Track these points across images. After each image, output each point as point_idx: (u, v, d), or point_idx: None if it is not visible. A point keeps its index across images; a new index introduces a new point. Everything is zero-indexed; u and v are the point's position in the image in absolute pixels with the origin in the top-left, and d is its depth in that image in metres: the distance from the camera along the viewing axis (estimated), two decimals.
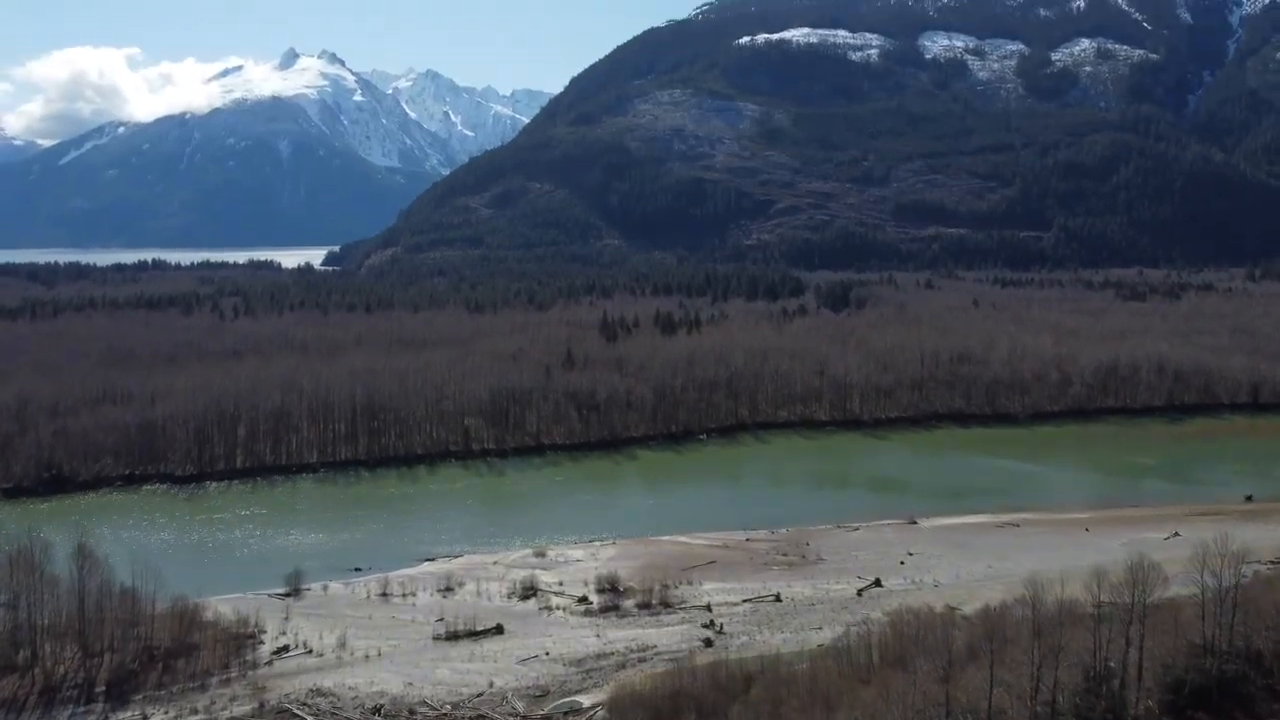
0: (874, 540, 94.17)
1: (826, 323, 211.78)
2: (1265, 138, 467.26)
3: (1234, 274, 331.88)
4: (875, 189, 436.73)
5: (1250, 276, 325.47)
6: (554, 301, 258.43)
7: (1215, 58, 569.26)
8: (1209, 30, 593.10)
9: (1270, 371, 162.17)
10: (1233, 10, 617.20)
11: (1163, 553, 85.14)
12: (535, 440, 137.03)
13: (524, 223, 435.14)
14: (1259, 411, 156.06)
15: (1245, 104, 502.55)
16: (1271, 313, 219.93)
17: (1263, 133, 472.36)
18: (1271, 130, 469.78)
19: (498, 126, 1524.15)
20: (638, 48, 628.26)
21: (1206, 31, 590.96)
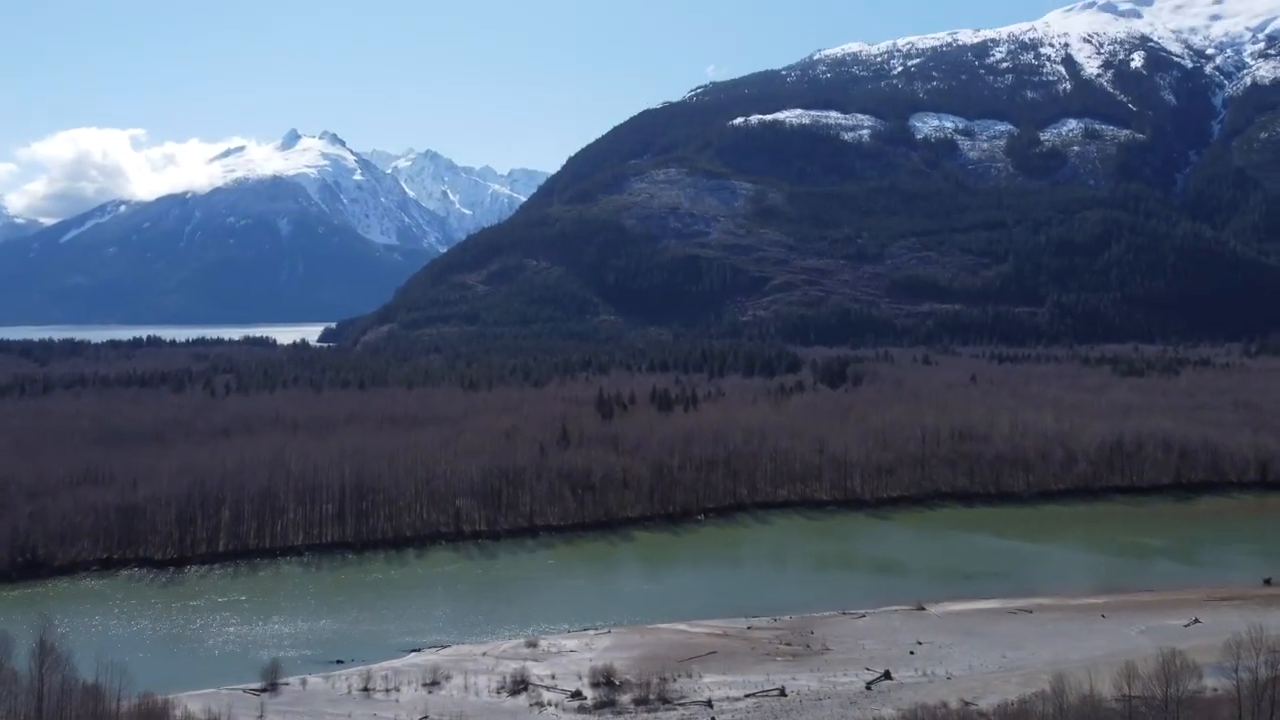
0: (881, 627, 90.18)
1: (824, 399, 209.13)
2: (1254, 215, 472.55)
3: (1230, 349, 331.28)
4: (870, 266, 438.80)
5: (1246, 352, 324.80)
6: (549, 378, 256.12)
7: (1201, 138, 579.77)
8: (1193, 111, 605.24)
9: (1278, 448, 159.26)
10: (1215, 92, 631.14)
11: (1185, 641, 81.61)
12: (528, 521, 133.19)
13: (520, 299, 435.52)
14: (1268, 489, 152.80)
15: (1232, 182, 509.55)
16: (1273, 388, 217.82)
17: (1251, 210, 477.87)
18: (1260, 208, 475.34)
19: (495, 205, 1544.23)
20: (634, 128, 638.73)
21: (1191, 113, 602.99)
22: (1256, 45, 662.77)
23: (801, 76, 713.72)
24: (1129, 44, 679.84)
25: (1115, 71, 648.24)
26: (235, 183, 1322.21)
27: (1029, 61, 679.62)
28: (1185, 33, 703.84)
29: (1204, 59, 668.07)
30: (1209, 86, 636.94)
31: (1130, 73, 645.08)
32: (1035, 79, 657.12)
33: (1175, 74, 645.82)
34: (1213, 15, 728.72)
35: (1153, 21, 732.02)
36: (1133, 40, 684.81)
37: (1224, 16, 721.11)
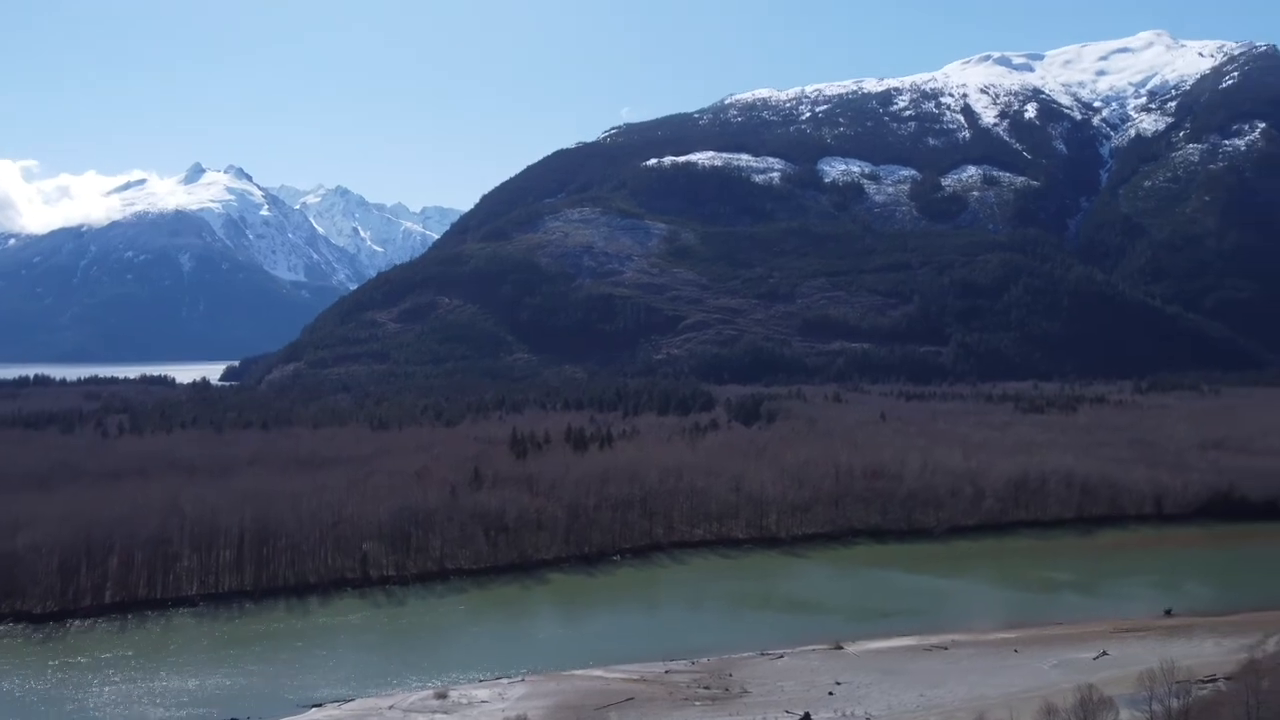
0: (800, 668, 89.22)
1: (739, 437, 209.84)
2: (1140, 260, 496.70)
3: (1122, 386, 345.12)
4: (781, 305, 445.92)
5: (1137, 389, 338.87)
6: (462, 417, 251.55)
7: (1090, 185, 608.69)
8: (1083, 160, 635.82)
9: (1171, 482, 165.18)
10: (1103, 143, 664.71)
11: (1095, 674, 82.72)
12: (439, 565, 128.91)
13: (433, 338, 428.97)
14: (1164, 522, 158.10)
15: (1120, 229, 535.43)
16: (1164, 425, 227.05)
17: (1138, 255, 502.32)
18: (1146, 253, 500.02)
19: (408, 242, 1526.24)
20: (548, 167, 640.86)
21: (1081, 162, 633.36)
22: (1139, 100, 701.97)
23: (713, 120, 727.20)
24: (1023, 95, 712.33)
25: (1010, 121, 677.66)
26: (134, 216, 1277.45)
27: (930, 110, 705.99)
28: (1074, 86, 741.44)
29: (1092, 111, 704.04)
30: (1097, 137, 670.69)
31: (1024, 123, 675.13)
32: (936, 127, 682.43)
33: (1066, 125, 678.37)
34: (1099, 71, 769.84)
35: (1044, 75, 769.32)
36: (1026, 92, 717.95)
37: (1109, 72, 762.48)
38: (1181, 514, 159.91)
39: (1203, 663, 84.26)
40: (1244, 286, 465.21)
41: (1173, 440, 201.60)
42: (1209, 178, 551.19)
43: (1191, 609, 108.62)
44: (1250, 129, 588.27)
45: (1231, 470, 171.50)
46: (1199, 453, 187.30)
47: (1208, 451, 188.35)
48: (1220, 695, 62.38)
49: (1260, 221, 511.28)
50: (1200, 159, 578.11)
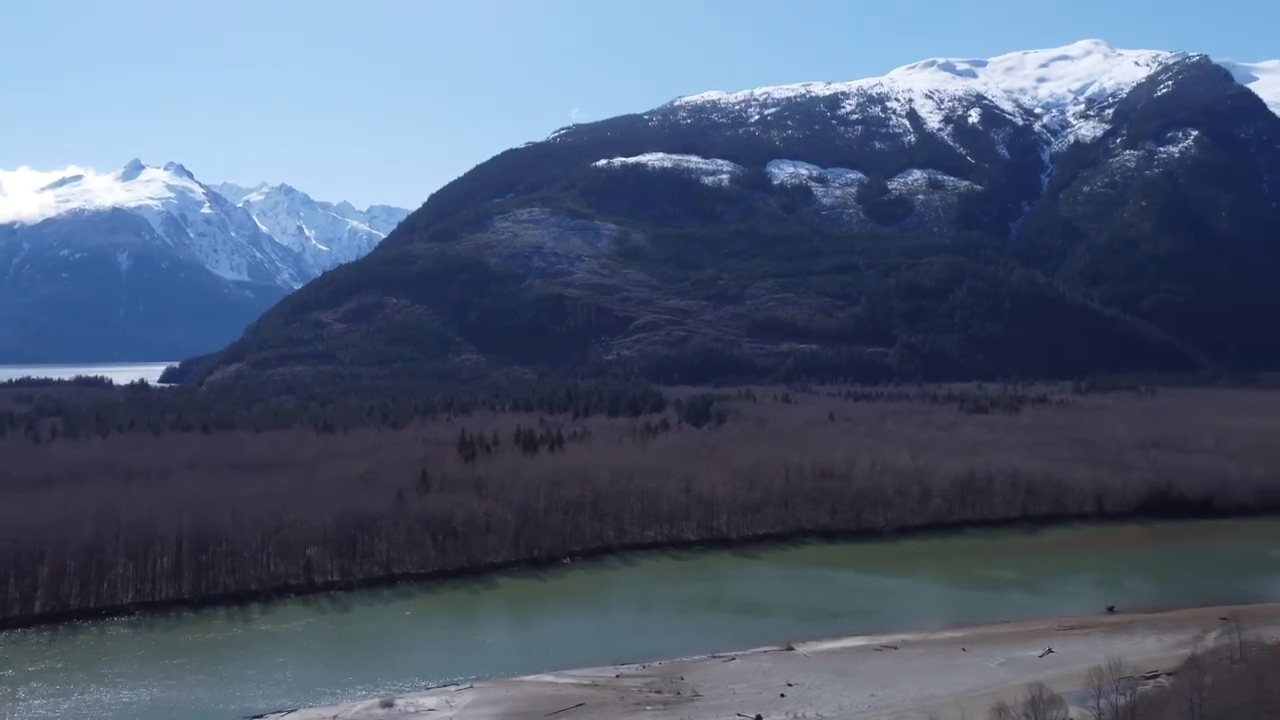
0: (752, 670, 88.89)
1: (689, 438, 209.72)
2: (1080, 263, 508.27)
3: (1063, 387, 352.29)
4: (731, 306, 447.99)
5: (1077, 390, 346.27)
6: (409, 419, 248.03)
7: (1032, 190, 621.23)
8: (1024, 165, 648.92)
9: (1112, 481, 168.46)
10: (1044, 148, 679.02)
11: (1042, 671, 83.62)
12: (385, 571, 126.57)
13: (379, 338, 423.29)
14: (1105, 520, 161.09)
15: (1060, 232, 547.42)
16: (1105, 425, 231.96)
17: (1077, 259, 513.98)
18: (1085, 256, 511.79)
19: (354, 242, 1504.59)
20: (497, 167, 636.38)
21: (1022, 167, 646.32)
22: (1078, 107, 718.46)
23: (663, 121, 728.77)
24: (966, 101, 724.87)
25: (955, 126, 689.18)
26: (70, 214, 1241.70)
27: (877, 114, 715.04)
28: (1016, 93, 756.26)
29: (1033, 117, 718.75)
30: (1038, 143, 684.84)
31: (968, 128, 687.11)
32: (883, 131, 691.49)
33: (1008, 130, 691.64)
34: (1039, 78, 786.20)
35: (987, 81, 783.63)
36: (970, 98, 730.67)
37: (1049, 79, 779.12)
38: (1122, 512, 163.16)
39: (1146, 659, 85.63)
40: (1179, 290, 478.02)
41: (1113, 440, 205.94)
42: (1145, 184, 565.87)
43: (1133, 606, 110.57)
44: (1184, 136, 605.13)
45: (1169, 469, 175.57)
46: (1138, 452, 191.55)
47: (1146, 451, 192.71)
48: (1164, 692, 63.24)
49: (1194, 227, 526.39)
50: (1137, 165, 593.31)
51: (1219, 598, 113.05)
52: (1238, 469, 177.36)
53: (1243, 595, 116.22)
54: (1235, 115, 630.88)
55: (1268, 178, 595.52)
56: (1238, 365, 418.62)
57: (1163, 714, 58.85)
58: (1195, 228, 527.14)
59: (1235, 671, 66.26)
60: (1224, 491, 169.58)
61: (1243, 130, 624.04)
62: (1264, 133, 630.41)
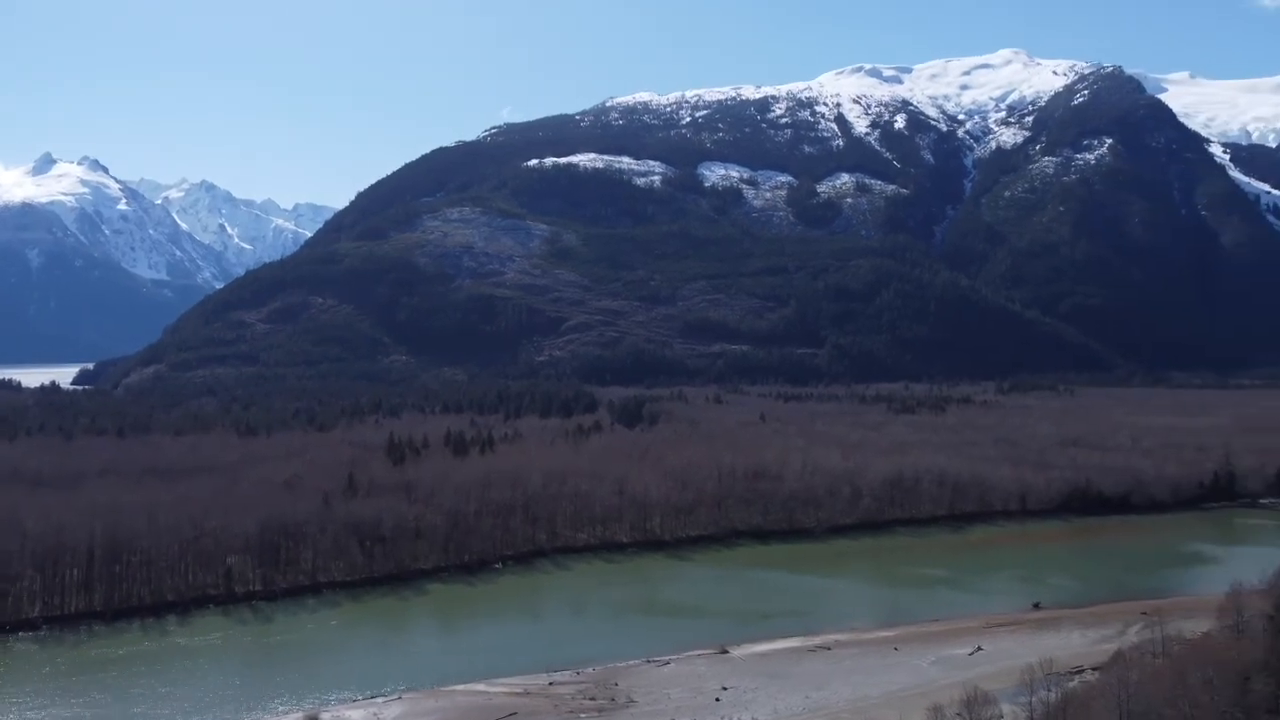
0: (686, 674, 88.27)
1: (622, 440, 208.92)
2: (1001, 266, 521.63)
3: (986, 387, 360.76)
4: (663, 307, 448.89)
5: (1000, 390, 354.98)
6: (336, 422, 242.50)
7: (955, 195, 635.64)
8: (948, 170, 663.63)
9: (1034, 479, 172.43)
10: (966, 154, 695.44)
11: (972, 669, 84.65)
12: (310, 579, 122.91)
13: (305, 339, 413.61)
14: (1029, 518, 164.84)
15: (983, 236, 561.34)
16: (1027, 424, 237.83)
17: (999, 262, 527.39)
18: (1006, 260, 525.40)
19: (279, 240, 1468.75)
20: (426, 166, 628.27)
21: (946, 171, 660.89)
22: (999, 114, 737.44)
23: (595, 122, 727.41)
24: (892, 107, 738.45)
25: (881, 131, 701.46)
26: None
27: (806, 118, 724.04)
28: (940, 99, 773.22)
29: (956, 124, 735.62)
30: (961, 149, 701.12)
31: (894, 133, 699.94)
32: (812, 135, 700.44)
33: (932, 136, 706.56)
34: (962, 85, 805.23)
35: (912, 88, 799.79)
36: (895, 104, 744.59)
37: (972, 87, 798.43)
38: (1044, 509, 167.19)
39: (1072, 655, 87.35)
40: (1094, 293, 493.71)
41: (1034, 439, 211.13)
42: (1063, 189, 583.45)
43: (1058, 602, 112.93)
44: (1099, 144, 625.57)
45: (1088, 467, 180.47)
46: (1058, 450, 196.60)
47: (1066, 449, 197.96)
48: (1092, 689, 64.30)
49: (1108, 232, 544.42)
50: (1055, 171, 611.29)
51: (1138, 593, 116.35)
52: (1152, 466, 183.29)
53: (1160, 590, 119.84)
54: (1147, 125, 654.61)
55: (1177, 185, 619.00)
56: (1150, 366, 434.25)
57: (1091, 710, 59.72)
58: (1110, 233, 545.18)
59: (1158, 666, 67.68)
60: (1140, 488, 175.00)
61: (1154, 139, 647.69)
62: (1174, 142, 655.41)
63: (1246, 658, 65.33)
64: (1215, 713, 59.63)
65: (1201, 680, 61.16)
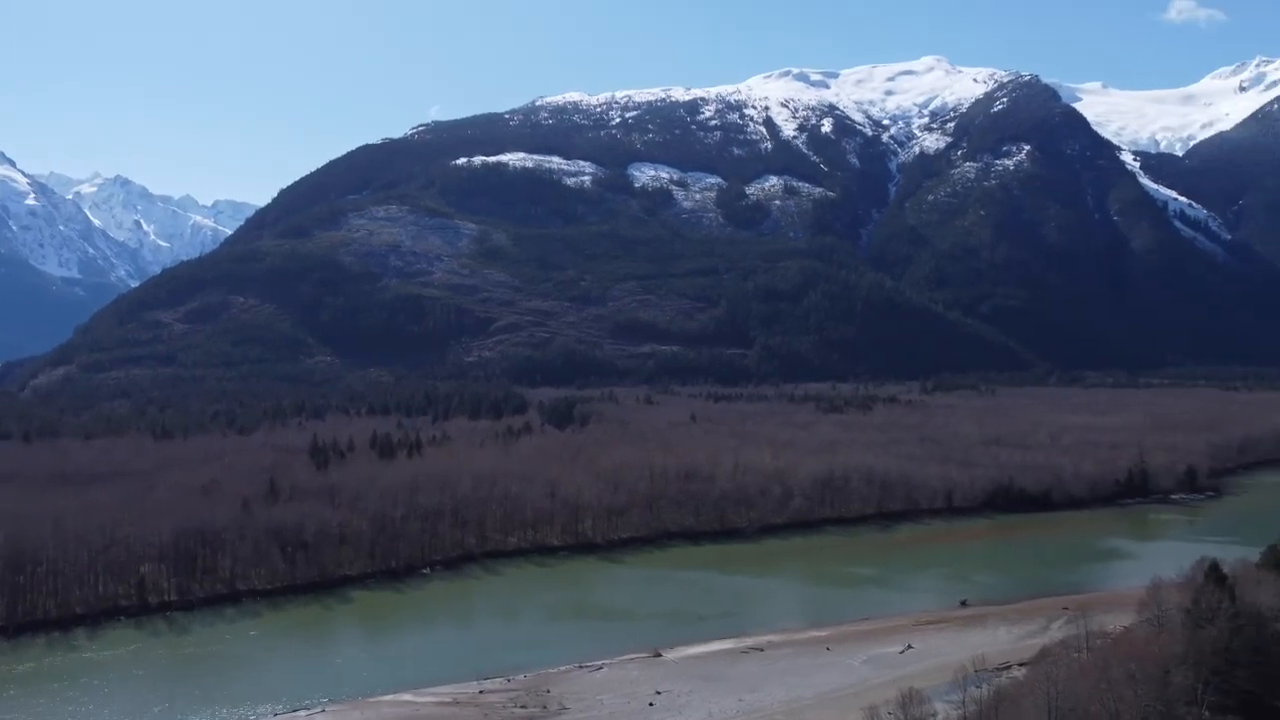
0: (619, 679, 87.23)
1: (553, 441, 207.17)
2: (925, 269, 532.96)
3: (910, 387, 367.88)
4: (593, 308, 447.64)
5: (924, 389, 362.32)
6: (257, 424, 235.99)
7: (880, 198, 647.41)
8: (874, 174, 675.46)
9: (959, 477, 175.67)
10: (891, 158, 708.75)
11: (902, 668, 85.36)
12: (229, 587, 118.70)
13: (225, 339, 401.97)
14: (954, 515, 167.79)
15: (907, 239, 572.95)
16: (951, 423, 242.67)
17: (923, 264, 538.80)
18: (930, 262, 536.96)
19: (197, 238, 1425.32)
20: (351, 163, 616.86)
21: (872, 175, 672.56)
22: (922, 120, 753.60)
23: (524, 121, 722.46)
24: (820, 111, 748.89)
25: (809, 135, 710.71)
26: None
27: (735, 121, 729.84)
28: (865, 104, 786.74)
29: (881, 128, 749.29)
30: (886, 153, 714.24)
31: (821, 137, 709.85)
32: (740, 137, 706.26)
33: (859, 140, 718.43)
34: (887, 91, 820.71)
35: (838, 92, 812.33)
36: (823, 108, 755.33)
37: (896, 92, 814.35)
38: (969, 507, 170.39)
39: (999, 651, 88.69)
40: (1013, 295, 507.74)
41: (959, 438, 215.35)
42: (983, 194, 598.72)
43: (983, 599, 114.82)
44: (1017, 150, 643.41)
45: (1011, 465, 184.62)
46: (982, 449, 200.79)
47: (989, 448, 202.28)
48: (1020, 685, 65.10)
49: (1026, 236, 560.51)
50: (976, 176, 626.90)
51: (1060, 588, 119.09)
52: (1071, 464, 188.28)
53: (1080, 585, 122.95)
54: (1062, 132, 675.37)
55: (1091, 191, 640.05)
56: (1065, 366, 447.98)
57: (1021, 707, 60.35)
58: (1028, 237, 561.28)
59: (1083, 662, 68.86)
60: (1060, 485, 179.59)
61: (1069, 146, 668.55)
62: (1087, 149, 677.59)
63: (1166, 651, 66.87)
64: (1138, 706, 60.80)
65: (1124, 675, 62.31)
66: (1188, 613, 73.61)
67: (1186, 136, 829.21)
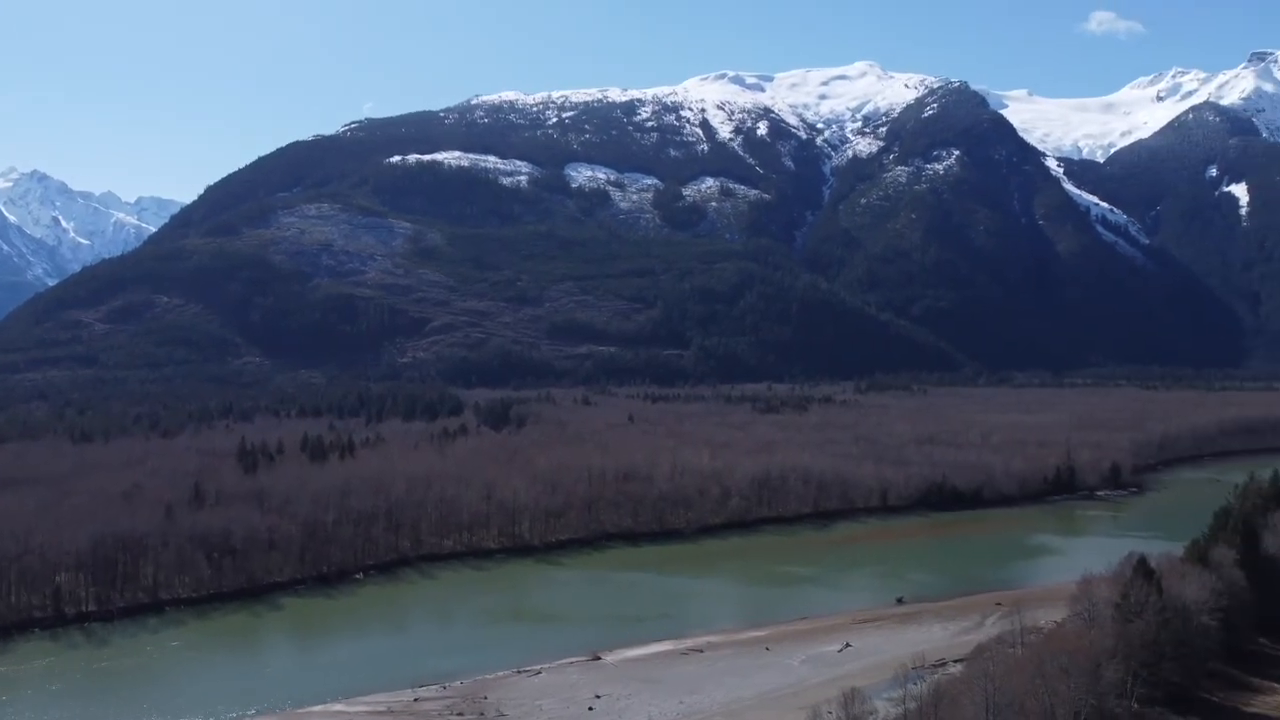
0: (558, 684, 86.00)
1: (489, 443, 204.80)
2: (858, 271, 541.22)
3: (845, 387, 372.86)
4: (530, 308, 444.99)
5: (858, 389, 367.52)
6: (182, 427, 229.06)
7: (815, 201, 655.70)
8: (808, 177, 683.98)
9: (894, 476, 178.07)
10: (825, 162, 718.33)
11: (841, 666, 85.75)
12: (152, 596, 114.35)
13: (149, 339, 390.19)
14: (889, 514, 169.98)
15: (841, 241, 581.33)
16: (885, 422, 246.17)
17: (856, 266, 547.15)
18: (863, 264, 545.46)
19: (120, 235, 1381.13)
20: (282, 160, 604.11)
21: (806, 178, 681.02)
22: (855, 124, 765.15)
23: (460, 120, 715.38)
24: (755, 114, 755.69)
25: (744, 137, 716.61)
26: None
27: (671, 122, 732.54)
28: (800, 108, 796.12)
29: (815, 132, 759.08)
30: (820, 156, 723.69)
31: (757, 139, 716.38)
32: (677, 139, 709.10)
33: (793, 143, 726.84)
34: (821, 95, 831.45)
35: (774, 96, 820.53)
36: (758, 111, 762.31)
37: (830, 97, 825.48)
38: (904, 505, 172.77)
39: (935, 648, 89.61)
40: (943, 297, 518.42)
41: (892, 437, 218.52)
42: (914, 198, 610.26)
43: (918, 596, 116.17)
44: (947, 155, 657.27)
45: (943, 464, 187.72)
46: (915, 448, 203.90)
47: (922, 446, 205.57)
48: (958, 683, 65.67)
49: (956, 239, 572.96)
50: (907, 180, 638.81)
51: (993, 584, 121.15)
52: (1001, 462, 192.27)
53: (1012, 581, 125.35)
54: (990, 138, 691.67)
55: (1018, 196, 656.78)
56: (993, 366, 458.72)
57: (959, 704, 60.81)
58: (957, 240, 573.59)
59: (1017, 657, 69.73)
60: (990, 483, 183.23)
61: (996, 152, 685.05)
62: (1014, 155, 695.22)
63: (1098, 645, 68.08)
64: (1071, 700, 61.74)
65: (1058, 669, 63.21)
66: (1117, 607, 75.19)
67: (1107, 144, 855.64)
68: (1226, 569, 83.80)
